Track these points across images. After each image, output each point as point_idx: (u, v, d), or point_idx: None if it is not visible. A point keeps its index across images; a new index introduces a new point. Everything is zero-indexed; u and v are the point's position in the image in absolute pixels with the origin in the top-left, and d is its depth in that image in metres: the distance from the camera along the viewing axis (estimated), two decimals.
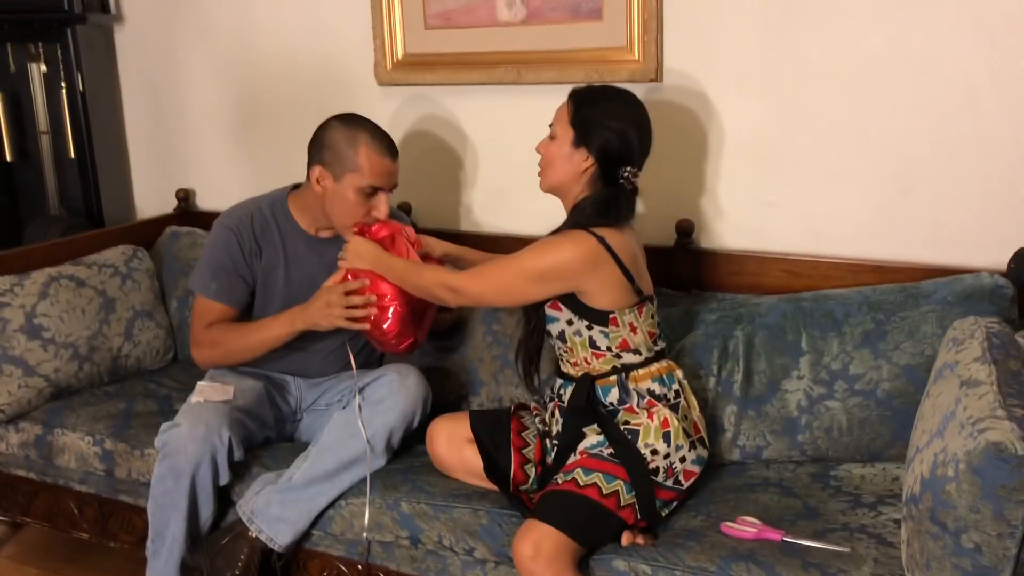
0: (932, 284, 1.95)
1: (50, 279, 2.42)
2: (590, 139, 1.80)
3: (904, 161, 2.07)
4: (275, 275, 2.18)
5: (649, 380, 1.81)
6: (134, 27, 2.98)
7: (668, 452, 1.77)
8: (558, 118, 1.87)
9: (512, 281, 1.80)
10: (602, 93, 1.85)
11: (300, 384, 2.25)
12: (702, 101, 2.22)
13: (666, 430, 1.77)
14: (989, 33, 1.94)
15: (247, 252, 2.15)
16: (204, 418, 1.95)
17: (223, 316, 2.16)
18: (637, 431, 1.77)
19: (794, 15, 2.10)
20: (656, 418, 1.78)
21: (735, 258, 2.22)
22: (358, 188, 2.04)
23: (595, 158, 1.81)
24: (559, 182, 1.86)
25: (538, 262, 1.77)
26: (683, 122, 2.24)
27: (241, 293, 2.17)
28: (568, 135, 1.82)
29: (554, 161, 1.85)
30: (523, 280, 1.79)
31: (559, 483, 1.76)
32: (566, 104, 1.86)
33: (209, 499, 1.97)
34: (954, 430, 1.38)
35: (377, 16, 2.51)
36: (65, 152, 2.97)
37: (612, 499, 1.71)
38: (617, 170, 1.81)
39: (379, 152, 2.04)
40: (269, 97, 2.79)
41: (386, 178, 2.07)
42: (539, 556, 1.63)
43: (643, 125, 1.84)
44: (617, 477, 1.73)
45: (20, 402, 2.31)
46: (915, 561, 1.44)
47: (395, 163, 2.08)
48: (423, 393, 2.02)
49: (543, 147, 1.89)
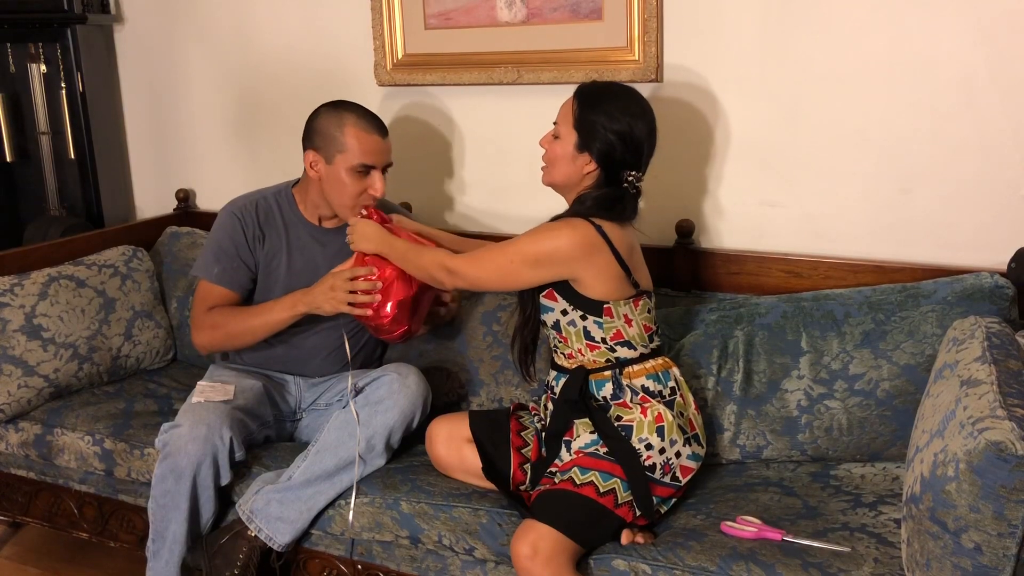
0: (932, 284, 1.95)
1: (50, 279, 2.42)
2: (593, 144, 1.79)
3: (904, 161, 2.07)
4: (277, 262, 2.19)
5: (644, 377, 1.81)
6: (134, 27, 2.98)
7: (663, 447, 1.76)
8: (562, 116, 1.85)
9: (508, 265, 1.80)
10: (608, 93, 1.82)
11: (299, 383, 2.25)
12: (702, 101, 2.22)
13: (660, 424, 1.77)
14: (989, 33, 1.94)
15: (250, 237, 2.17)
16: (205, 418, 1.95)
17: (224, 300, 2.17)
18: (631, 427, 1.77)
19: (794, 15, 2.10)
20: (649, 413, 1.78)
21: (735, 258, 2.22)
22: (349, 168, 2.05)
23: (598, 163, 1.80)
24: (561, 181, 1.86)
25: (535, 247, 1.77)
26: (683, 122, 2.24)
27: (243, 277, 2.18)
28: (572, 137, 1.81)
29: (557, 161, 1.85)
30: (519, 264, 1.78)
31: (556, 482, 1.76)
32: (571, 102, 1.84)
33: (210, 499, 1.97)
34: (954, 430, 1.38)
35: (377, 16, 2.51)
36: (65, 152, 2.97)
37: (609, 497, 1.71)
38: (620, 174, 1.81)
39: (366, 130, 2.06)
40: (269, 97, 2.79)
41: (375, 155, 2.08)
42: (537, 556, 1.63)
43: (649, 128, 1.82)
44: (613, 475, 1.73)
45: (20, 402, 2.31)
46: (915, 561, 1.44)
47: (384, 140, 2.10)
48: (423, 393, 2.02)
49: (546, 144, 1.88)
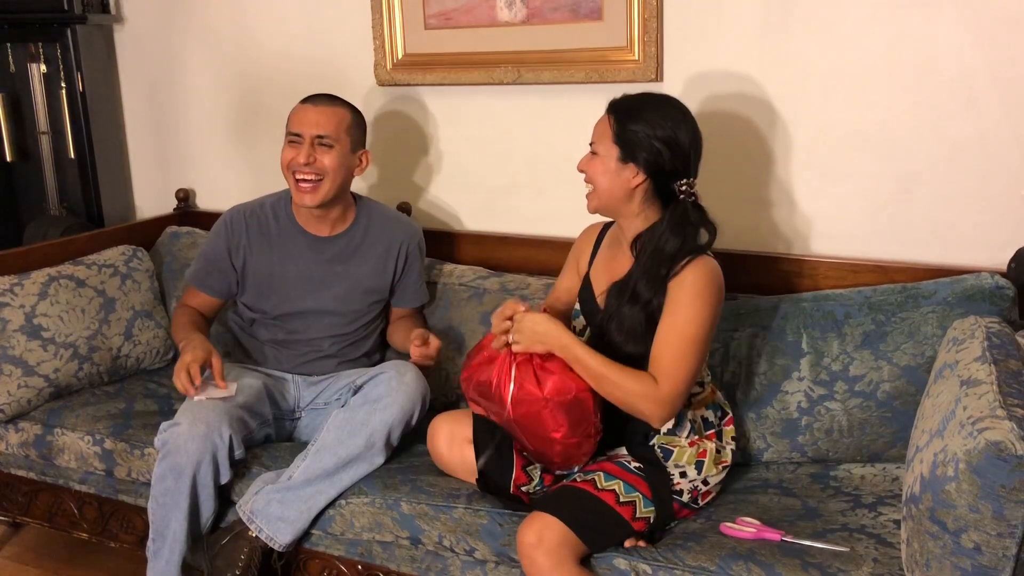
0: (932, 284, 1.95)
1: (50, 279, 2.42)
2: (638, 154, 1.70)
3: (904, 161, 2.07)
4: (269, 270, 2.22)
5: (704, 408, 1.80)
6: (134, 27, 2.98)
7: (695, 480, 1.77)
8: (599, 135, 1.75)
9: (698, 357, 1.68)
10: (644, 102, 1.74)
11: (298, 382, 2.25)
12: (702, 101, 2.21)
13: (701, 459, 1.77)
14: (989, 33, 1.94)
15: (233, 246, 2.23)
16: (204, 416, 1.95)
17: (195, 298, 2.30)
18: (671, 451, 1.76)
19: (794, 15, 2.10)
20: (696, 447, 1.77)
21: (735, 258, 2.21)
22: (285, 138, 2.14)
23: (647, 173, 1.71)
24: (609, 201, 1.76)
25: (705, 325, 1.68)
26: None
27: (215, 282, 2.27)
28: (613, 152, 1.72)
29: (599, 178, 1.74)
30: (704, 348, 1.69)
31: (577, 480, 1.76)
32: (606, 119, 1.75)
33: (210, 498, 1.97)
34: (954, 430, 1.38)
35: (377, 16, 2.51)
36: (65, 152, 2.97)
37: (628, 508, 1.70)
38: (671, 184, 1.72)
39: (302, 102, 2.14)
40: (269, 97, 2.79)
41: (299, 123, 2.13)
42: (541, 544, 1.62)
43: (692, 131, 1.73)
44: (637, 489, 1.72)
45: (20, 402, 2.31)
46: (915, 561, 1.44)
47: (315, 108, 2.13)
48: (421, 390, 2.02)
49: (584, 165, 1.78)
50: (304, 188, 2.12)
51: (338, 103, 2.17)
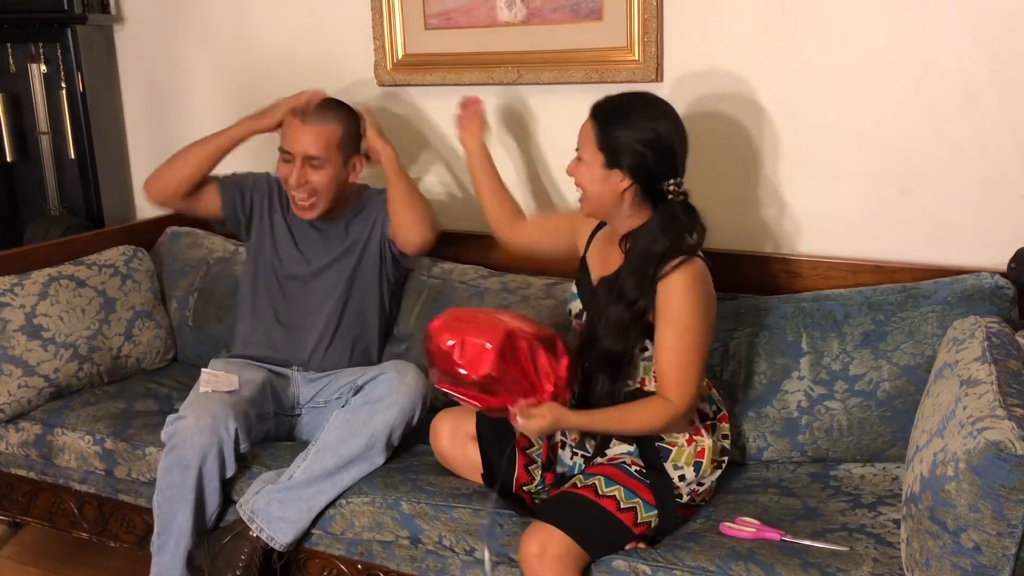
0: (932, 284, 1.95)
1: (50, 279, 2.42)
2: (622, 159, 1.70)
3: (904, 161, 2.07)
4: (270, 236, 2.30)
5: (699, 400, 1.80)
6: (134, 27, 2.98)
7: (693, 482, 1.77)
8: (583, 141, 1.76)
9: (701, 362, 1.72)
10: (624, 105, 1.74)
11: (298, 379, 2.25)
12: (702, 101, 2.21)
13: (699, 460, 1.77)
14: (989, 33, 1.94)
15: (260, 194, 2.33)
16: (210, 409, 1.96)
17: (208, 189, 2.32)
18: (669, 450, 1.77)
19: (794, 15, 2.10)
20: (694, 445, 1.78)
21: (735, 258, 2.21)
22: (279, 151, 2.19)
23: (633, 178, 1.71)
24: (600, 207, 1.78)
25: (702, 329, 1.70)
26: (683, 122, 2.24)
27: (231, 190, 2.31)
28: (597, 158, 1.72)
29: (589, 186, 1.75)
30: (706, 351, 1.73)
31: (577, 486, 1.75)
32: (588, 124, 1.75)
33: (215, 491, 1.97)
34: (954, 429, 1.38)
35: (377, 16, 2.51)
36: (65, 152, 2.97)
37: (629, 514, 1.70)
38: (659, 185, 1.72)
39: (297, 117, 2.15)
40: (269, 97, 2.75)
41: (289, 140, 2.15)
42: (544, 556, 1.63)
43: (675, 129, 1.73)
44: (638, 495, 1.72)
45: (20, 402, 2.31)
46: (915, 560, 1.44)
47: (305, 127, 2.14)
48: (422, 389, 2.02)
49: (572, 170, 1.79)
50: (300, 206, 2.21)
51: (328, 118, 2.16)
